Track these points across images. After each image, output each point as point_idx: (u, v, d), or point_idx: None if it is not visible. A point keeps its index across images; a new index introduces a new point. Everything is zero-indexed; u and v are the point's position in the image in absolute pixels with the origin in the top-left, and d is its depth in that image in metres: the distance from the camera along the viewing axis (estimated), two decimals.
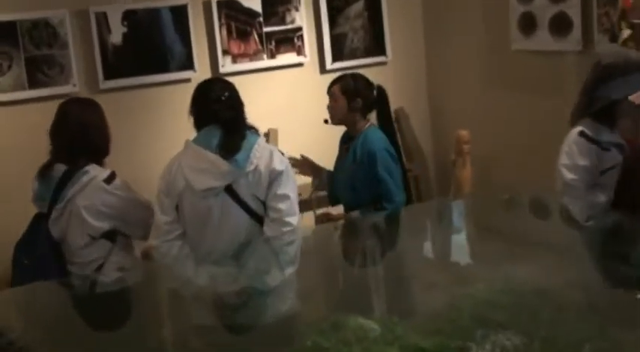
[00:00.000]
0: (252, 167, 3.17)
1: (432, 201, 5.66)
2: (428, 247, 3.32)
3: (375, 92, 4.14)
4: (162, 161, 3.49)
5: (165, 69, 5.20)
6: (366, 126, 4.05)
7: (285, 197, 3.23)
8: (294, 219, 3.23)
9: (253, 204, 3.24)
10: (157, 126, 5.19)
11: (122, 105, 5.07)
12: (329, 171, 4.26)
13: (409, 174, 4.95)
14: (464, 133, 5.35)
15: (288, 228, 3.21)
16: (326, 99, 4.27)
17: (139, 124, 5.16)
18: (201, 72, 5.21)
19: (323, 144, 4.67)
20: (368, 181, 3.95)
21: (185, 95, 3.57)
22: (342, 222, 4.03)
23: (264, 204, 3.25)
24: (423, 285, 2.70)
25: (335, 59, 5.69)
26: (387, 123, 4.22)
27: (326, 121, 4.14)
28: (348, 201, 4.12)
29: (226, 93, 3.25)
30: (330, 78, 4.46)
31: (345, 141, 4.15)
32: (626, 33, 3.92)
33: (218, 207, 3.20)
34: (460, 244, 3.29)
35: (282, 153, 3.28)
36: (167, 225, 3.31)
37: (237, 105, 3.26)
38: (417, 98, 5.99)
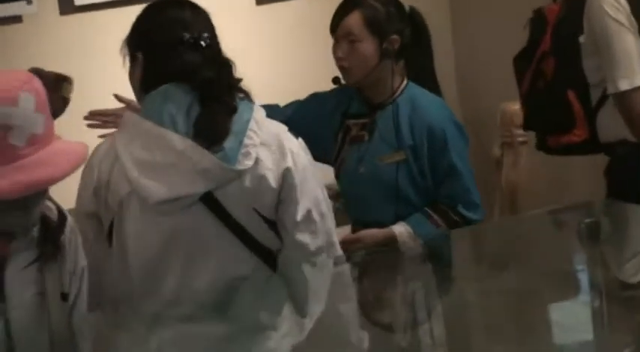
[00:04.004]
0: (249, 162, 2.48)
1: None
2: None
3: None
4: None
5: None
6: (403, 83, 3.25)
7: (310, 220, 2.55)
8: (327, 258, 2.61)
9: (253, 225, 2.55)
10: None
11: None
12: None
13: None
14: (515, 109, 4.23)
15: (317, 274, 2.67)
16: (275, 48, 4.22)
17: None
18: (42, 5, 4.19)
19: None
20: (424, 181, 3.18)
21: (13, 44, 3.72)
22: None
23: (272, 224, 2.57)
24: None
25: None
26: (427, 76, 3.39)
27: (336, 80, 3.29)
28: (376, 216, 3.26)
29: (206, 34, 2.56)
30: (274, 10, 4.39)
31: (359, 114, 3.30)
32: None
33: (189, 229, 2.51)
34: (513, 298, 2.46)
35: (297, 136, 2.65)
36: None
37: (220, 55, 2.59)
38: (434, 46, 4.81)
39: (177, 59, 2.55)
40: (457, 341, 2.34)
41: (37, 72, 2.28)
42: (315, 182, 2.65)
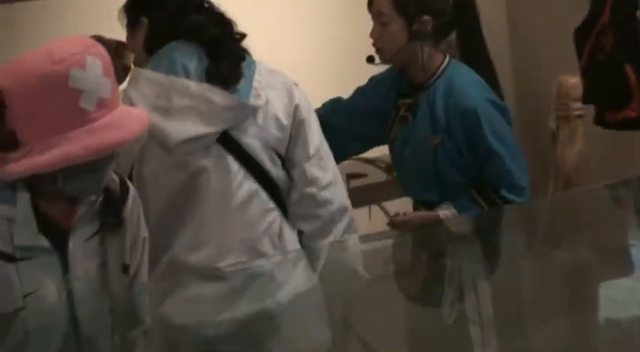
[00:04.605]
0: (260, 101, 2.58)
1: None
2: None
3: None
4: None
5: None
6: (444, 63, 3.16)
7: (320, 156, 2.65)
8: (337, 195, 2.66)
9: (269, 164, 2.62)
10: None
11: None
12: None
13: None
14: (573, 82, 4.29)
15: (328, 210, 2.64)
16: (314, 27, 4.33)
17: None
18: None
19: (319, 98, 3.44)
20: (462, 162, 3.12)
21: (69, 13, 3.62)
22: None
23: (283, 163, 2.65)
24: None
25: None
26: (476, 57, 3.30)
27: (371, 59, 3.26)
28: (423, 195, 3.28)
29: None
30: None
31: (406, 94, 3.25)
32: None
33: (208, 171, 2.57)
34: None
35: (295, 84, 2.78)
36: None
37: (223, 15, 2.68)
38: (485, 16, 4.47)
39: (185, 19, 2.62)
40: (510, 316, 2.29)
41: (99, 39, 2.27)
42: (317, 126, 2.71)
